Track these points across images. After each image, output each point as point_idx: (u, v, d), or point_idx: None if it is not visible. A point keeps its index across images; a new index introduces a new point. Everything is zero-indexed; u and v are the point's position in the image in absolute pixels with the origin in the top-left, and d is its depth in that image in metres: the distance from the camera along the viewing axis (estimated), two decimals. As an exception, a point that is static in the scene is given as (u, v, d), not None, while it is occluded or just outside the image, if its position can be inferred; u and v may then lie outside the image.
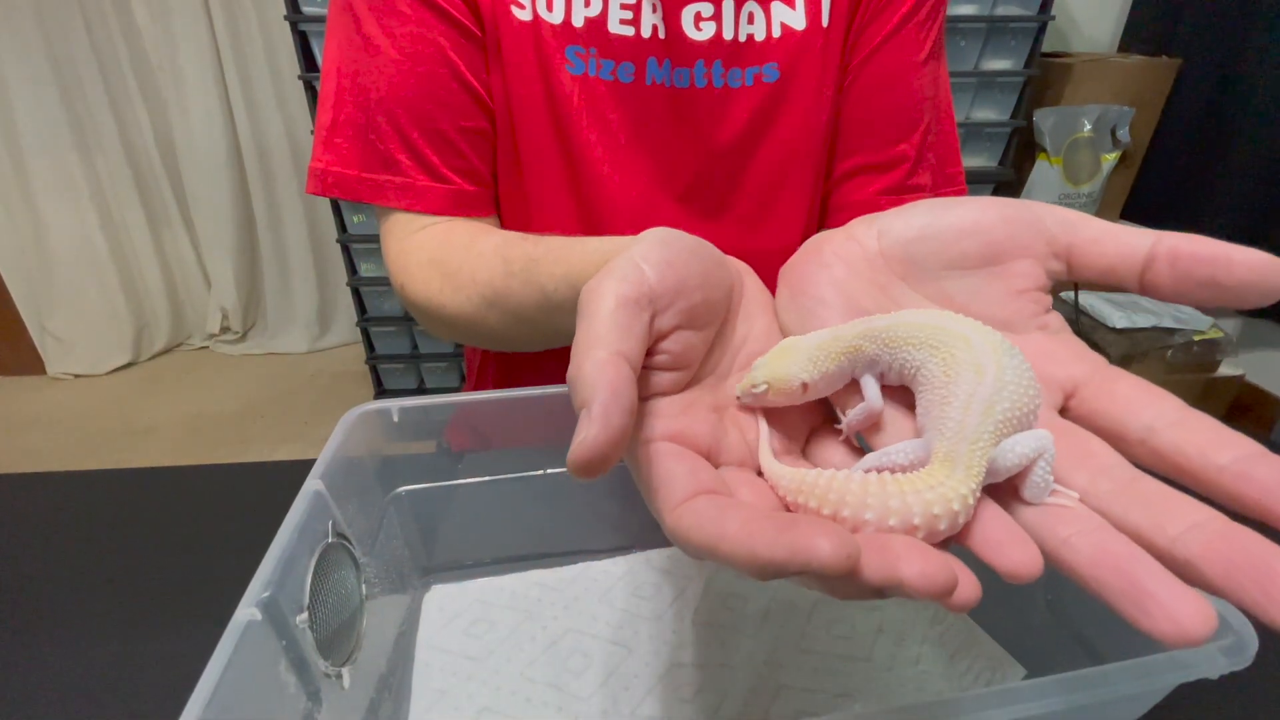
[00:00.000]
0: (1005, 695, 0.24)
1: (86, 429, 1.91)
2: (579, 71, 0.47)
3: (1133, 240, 0.21)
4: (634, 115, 0.49)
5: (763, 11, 0.48)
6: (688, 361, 0.23)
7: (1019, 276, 0.24)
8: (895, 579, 0.16)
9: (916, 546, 0.16)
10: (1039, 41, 1.57)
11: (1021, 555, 0.17)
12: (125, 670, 0.41)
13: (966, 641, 0.40)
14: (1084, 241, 0.23)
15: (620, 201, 0.51)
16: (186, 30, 1.91)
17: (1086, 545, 0.17)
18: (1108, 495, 0.18)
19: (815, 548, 0.15)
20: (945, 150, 0.55)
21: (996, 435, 0.19)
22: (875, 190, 0.54)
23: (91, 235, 2.06)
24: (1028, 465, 0.19)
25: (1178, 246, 0.20)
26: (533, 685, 0.39)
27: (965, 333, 0.21)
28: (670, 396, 0.22)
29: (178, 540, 0.51)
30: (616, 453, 0.17)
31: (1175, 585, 0.16)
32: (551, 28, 0.47)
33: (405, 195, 0.47)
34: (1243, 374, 1.71)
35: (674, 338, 0.22)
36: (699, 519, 0.17)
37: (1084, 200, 1.70)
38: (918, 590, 0.16)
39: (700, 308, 0.23)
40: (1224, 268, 0.19)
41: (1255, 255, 0.19)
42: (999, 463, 0.19)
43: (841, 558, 0.15)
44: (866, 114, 0.53)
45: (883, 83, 0.52)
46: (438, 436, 0.42)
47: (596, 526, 0.47)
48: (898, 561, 0.16)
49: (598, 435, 0.17)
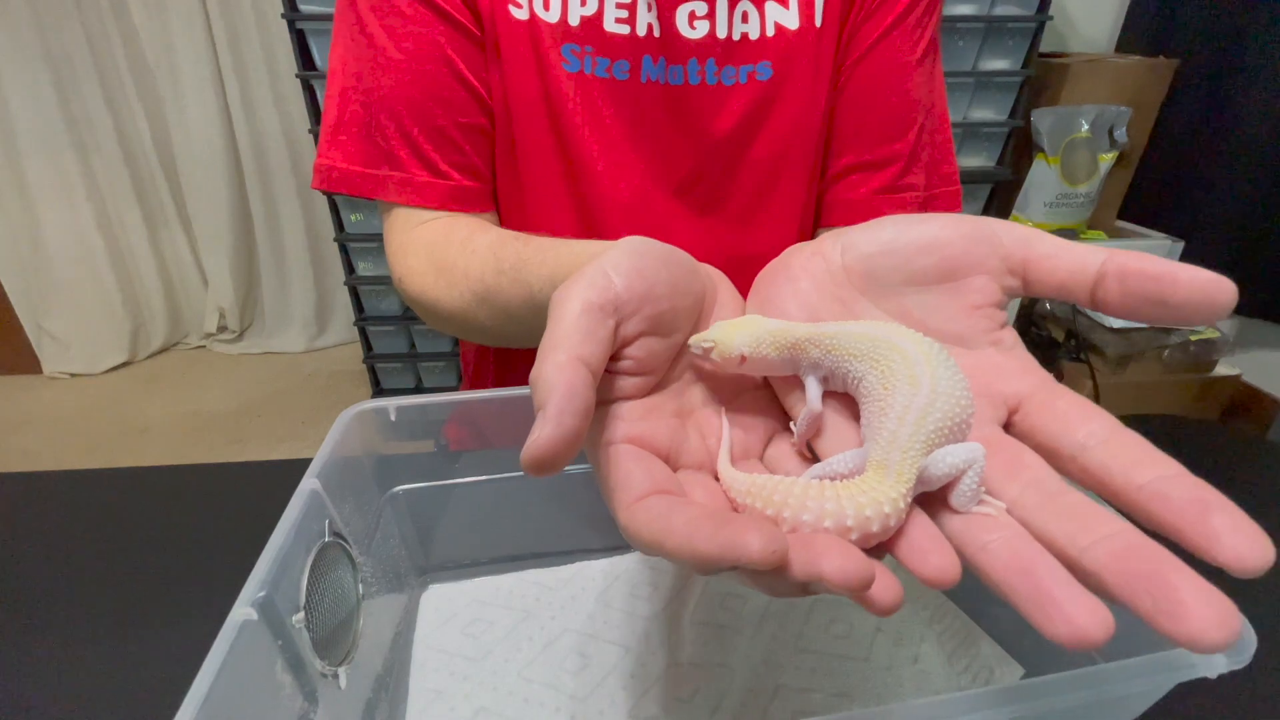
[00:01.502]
0: (1004, 695, 0.24)
1: (83, 428, 1.90)
2: (575, 69, 0.48)
3: (1084, 257, 0.22)
4: (629, 112, 0.50)
5: (757, 11, 0.49)
6: (652, 367, 0.24)
7: (975, 292, 0.24)
8: (816, 573, 0.17)
9: (838, 545, 0.17)
10: (1037, 41, 1.57)
11: (940, 561, 0.18)
12: (120, 670, 0.40)
13: (965, 641, 0.40)
14: (1038, 258, 0.23)
15: (616, 197, 0.51)
16: (183, 29, 1.91)
17: (1002, 551, 0.18)
18: (1033, 507, 0.19)
19: (747, 544, 0.16)
20: (939, 150, 0.56)
21: (928, 445, 0.20)
22: (869, 189, 0.54)
23: (88, 234, 2.06)
24: (958, 475, 0.19)
25: (1126, 264, 0.21)
26: (530, 685, 0.39)
27: (903, 345, 0.21)
28: (634, 401, 0.23)
29: (174, 539, 0.51)
30: (568, 451, 0.18)
31: (1076, 591, 0.16)
32: (548, 26, 0.47)
33: (405, 191, 0.48)
34: (1239, 374, 1.71)
35: (639, 344, 0.23)
36: (649, 516, 0.18)
37: (1081, 200, 1.70)
38: (835, 584, 0.17)
39: (666, 315, 0.23)
40: (1169, 285, 0.20)
41: (1200, 274, 0.19)
42: (930, 471, 0.20)
43: (769, 553, 0.16)
44: (860, 113, 0.53)
45: (876, 82, 0.52)
46: (435, 436, 0.42)
47: (594, 526, 0.47)
48: (820, 558, 0.17)
49: (550, 435, 0.18)
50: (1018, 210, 1.74)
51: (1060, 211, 1.71)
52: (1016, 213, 1.74)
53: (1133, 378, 1.62)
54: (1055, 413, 0.21)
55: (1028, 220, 1.73)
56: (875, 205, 0.53)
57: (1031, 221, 1.73)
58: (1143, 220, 1.83)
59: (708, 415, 0.25)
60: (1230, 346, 1.66)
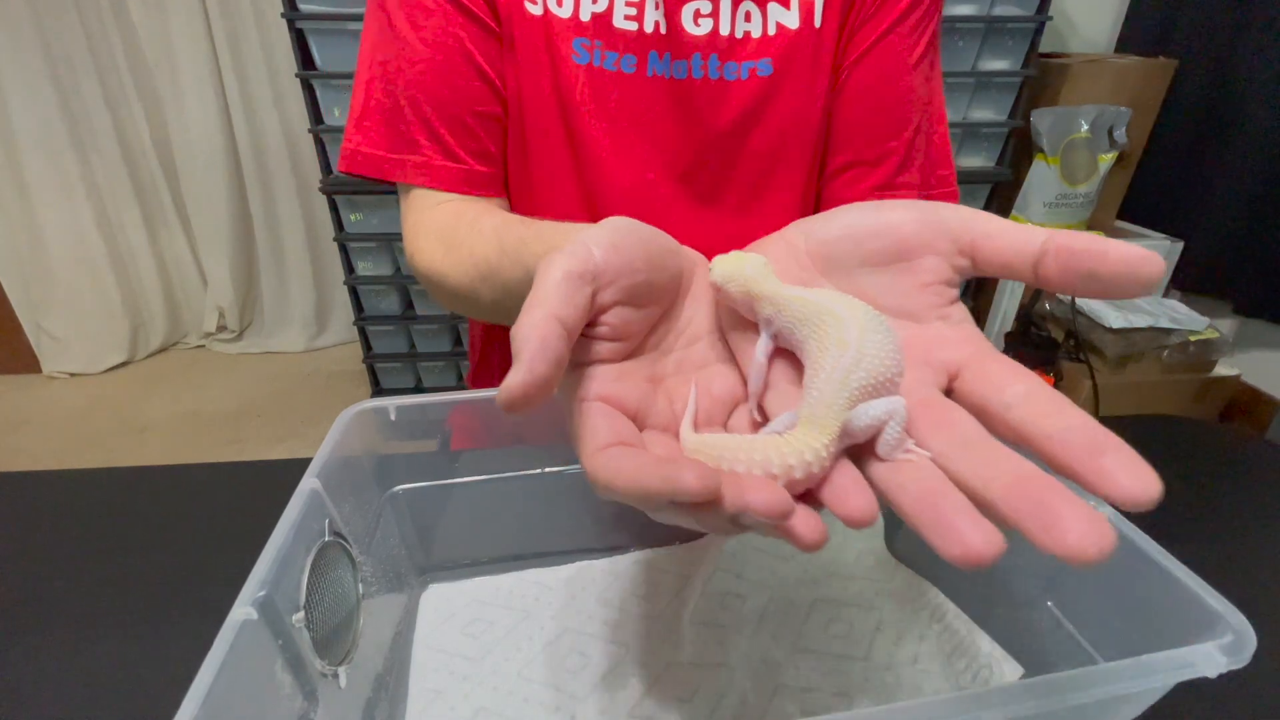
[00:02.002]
0: (1003, 694, 0.24)
1: (82, 428, 1.90)
2: (584, 61, 0.51)
3: (1028, 237, 0.23)
4: (635, 104, 0.52)
5: (759, 11, 0.51)
6: (627, 335, 0.26)
7: (925, 272, 0.26)
8: (744, 505, 0.19)
9: (765, 483, 0.20)
10: (1036, 42, 1.57)
11: (858, 501, 0.21)
12: (120, 669, 0.40)
13: (964, 641, 0.40)
14: (984, 239, 0.25)
15: (620, 184, 0.54)
16: (183, 28, 1.90)
17: (914, 488, 0.20)
18: (954, 455, 0.21)
19: (684, 479, 0.19)
20: (937, 152, 0.57)
21: (851, 401, 0.22)
22: (865, 187, 0.56)
23: (87, 234, 2.05)
24: (881, 426, 0.22)
25: (1064, 242, 0.22)
26: (530, 685, 0.39)
27: (838, 311, 0.24)
28: (609, 364, 0.25)
29: (173, 539, 0.50)
30: (539, 394, 0.20)
31: (972, 519, 0.18)
32: (560, 22, 0.50)
33: (422, 173, 0.51)
34: (1239, 374, 1.72)
35: (614, 312, 0.25)
36: (608, 461, 0.21)
37: (1081, 200, 1.70)
38: (759, 513, 0.19)
39: (642, 288, 0.25)
40: (1101, 260, 0.21)
41: (1129, 249, 0.21)
42: (854, 424, 0.22)
43: (703, 487, 0.19)
44: (857, 112, 0.55)
45: (874, 82, 0.54)
46: (435, 435, 0.42)
47: (594, 526, 0.47)
48: (746, 492, 0.20)
49: (523, 379, 0.20)
50: (1017, 210, 1.74)
51: (1060, 212, 1.71)
52: (1016, 213, 1.74)
53: (1132, 378, 1.62)
54: (988, 376, 0.23)
55: (1027, 220, 1.73)
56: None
57: (1031, 222, 1.73)
58: (1142, 221, 1.83)
59: (678, 384, 0.27)
60: (1229, 347, 1.66)
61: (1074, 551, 0.17)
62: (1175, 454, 0.62)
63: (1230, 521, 0.53)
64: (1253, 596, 0.29)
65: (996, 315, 1.78)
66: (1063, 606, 0.36)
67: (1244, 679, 0.25)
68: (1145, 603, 0.30)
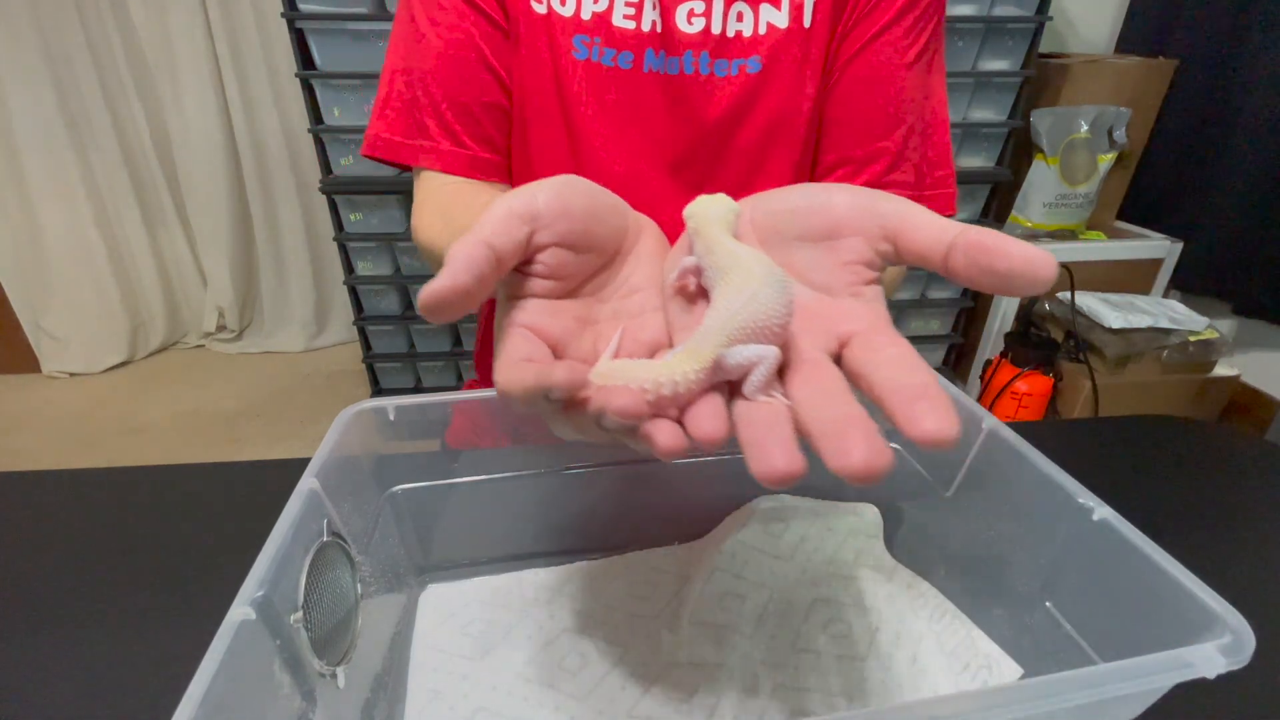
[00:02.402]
0: (1002, 695, 0.24)
1: (81, 427, 1.90)
2: (583, 57, 0.54)
3: (943, 230, 0.25)
4: (630, 98, 0.55)
5: (751, 11, 0.54)
6: (561, 275, 0.28)
7: (848, 251, 0.28)
8: (605, 405, 0.22)
9: (626, 390, 0.22)
10: (1036, 42, 1.57)
11: (709, 424, 0.23)
12: (118, 669, 0.40)
13: (964, 641, 0.40)
14: (907, 228, 0.26)
15: (613, 173, 0.56)
16: (183, 27, 1.90)
17: (756, 419, 0.23)
18: (808, 403, 0.23)
19: (553, 375, 0.22)
20: (936, 153, 0.58)
21: (730, 339, 0.24)
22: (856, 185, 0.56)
23: (87, 233, 2.05)
24: (750, 367, 0.24)
25: (972, 238, 0.24)
26: (528, 685, 0.39)
27: (749, 265, 0.26)
28: (542, 300, 0.27)
29: (172, 539, 0.50)
30: (456, 301, 0.22)
31: (784, 445, 0.21)
32: (563, 20, 0.53)
33: (431, 157, 0.55)
34: (1238, 374, 1.72)
35: (550, 252, 0.27)
36: (511, 372, 0.23)
37: (1080, 201, 1.70)
38: (615, 411, 0.22)
39: (580, 235, 0.28)
40: (1000, 257, 0.22)
41: (1029, 251, 0.22)
42: (727, 360, 0.24)
43: (568, 381, 0.22)
44: (849, 111, 0.56)
45: (865, 82, 0.55)
46: (435, 435, 0.42)
47: (594, 526, 0.47)
48: (610, 396, 0.22)
49: (442, 284, 0.22)
50: (1017, 210, 1.74)
51: (1059, 212, 1.71)
52: (1016, 213, 1.74)
53: (1131, 378, 1.62)
54: (869, 345, 0.25)
55: (1027, 221, 1.73)
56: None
57: (1031, 222, 1.73)
58: (1142, 221, 1.83)
59: (609, 328, 0.29)
60: (1229, 347, 1.67)
61: (853, 469, 0.19)
62: (1175, 454, 0.62)
63: (1230, 522, 0.53)
64: (1252, 597, 0.29)
65: (996, 315, 1.78)
66: (1062, 607, 0.36)
67: (1243, 679, 0.25)
68: (1144, 603, 0.30)
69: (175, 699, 0.22)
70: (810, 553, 0.47)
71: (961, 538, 0.42)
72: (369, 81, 1.52)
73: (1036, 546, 0.36)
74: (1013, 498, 0.38)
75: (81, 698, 0.39)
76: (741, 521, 0.47)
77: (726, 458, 0.46)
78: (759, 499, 0.48)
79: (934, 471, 0.44)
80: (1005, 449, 0.38)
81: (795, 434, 0.22)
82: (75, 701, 0.39)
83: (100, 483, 0.57)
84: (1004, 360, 1.66)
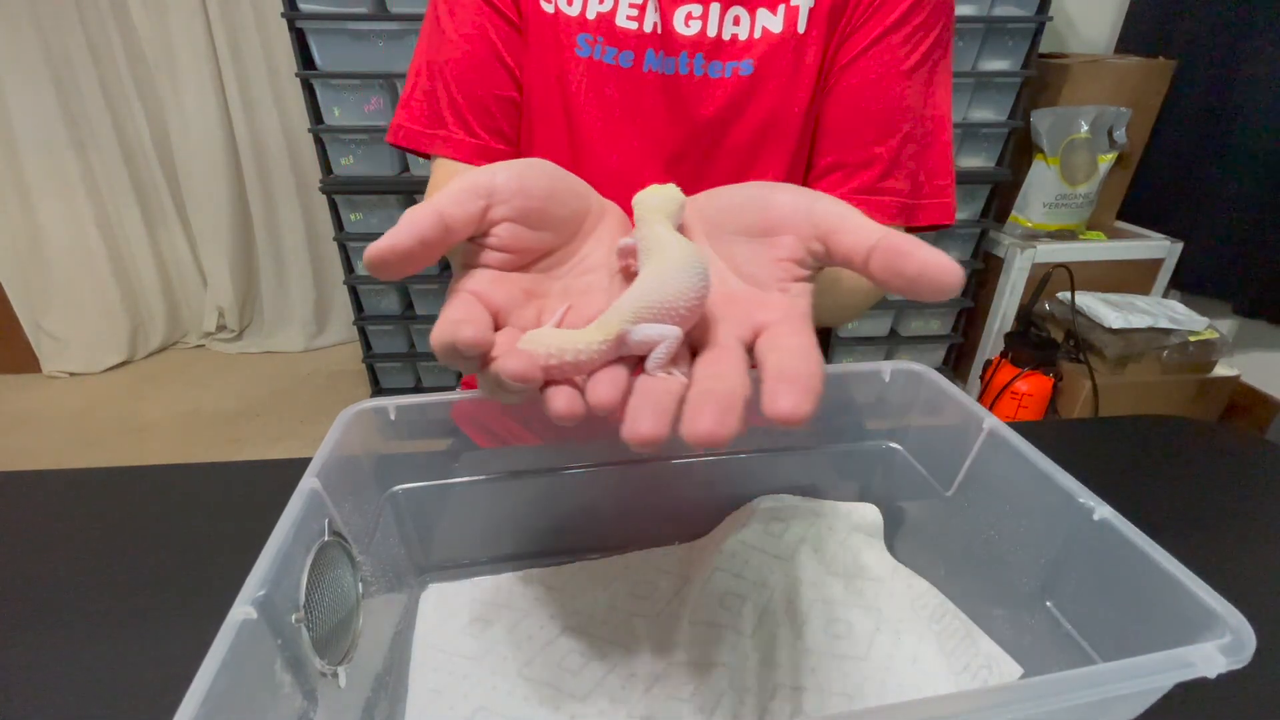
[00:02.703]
0: (1002, 694, 0.24)
1: (82, 427, 1.90)
2: (586, 55, 0.56)
3: (869, 233, 0.25)
4: (629, 95, 0.57)
5: (748, 15, 0.55)
6: (514, 249, 0.29)
7: (781, 248, 0.29)
8: (500, 367, 0.24)
9: (524, 354, 0.24)
10: (1036, 42, 1.57)
11: (604, 391, 0.24)
12: (120, 668, 0.40)
13: (964, 641, 0.40)
14: (838, 231, 0.27)
15: (609, 166, 0.59)
16: (183, 28, 1.90)
17: (646, 391, 0.24)
18: (702, 383, 0.24)
19: (460, 332, 0.24)
20: (935, 162, 0.58)
21: (637, 316, 0.26)
22: (847, 189, 0.57)
23: (87, 233, 2.05)
24: (653, 345, 0.25)
25: (891, 243, 0.24)
26: (529, 684, 0.39)
27: (672, 252, 0.27)
28: (493, 270, 0.29)
29: (173, 538, 0.50)
30: (397, 260, 0.24)
31: (658, 414, 0.23)
32: (569, 19, 0.56)
33: (445, 146, 0.59)
34: (1238, 374, 1.72)
35: (504, 227, 0.29)
36: (438, 328, 0.24)
37: (1080, 201, 1.70)
38: (507, 373, 0.23)
39: (535, 213, 0.29)
40: (911, 262, 0.23)
41: (937, 256, 0.23)
42: (632, 336, 0.25)
43: (473, 339, 0.24)
44: (843, 116, 0.57)
45: (861, 88, 0.55)
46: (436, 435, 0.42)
47: (594, 526, 0.47)
48: (507, 360, 0.24)
49: (382, 243, 0.24)
50: (1017, 211, 1.74)
51: (1059, 212, 1.71)
52: (1016, 213, 1.74)
53: (1132, 378, 1.62)
54: (775, 335, 0.26)
55: (1027, 221, 1.73)
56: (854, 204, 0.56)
57: (1031, 222, 1.73)
58: (1142, 221, 1.83)
59: (554, 302, 0.30)
60: (1229, 347, 1.67)
61: (697, 436, 0.21)
62: (1175, 454, 0.62)
63: (1230, 522, 0.53)
64: (1252, 597, 0.29)
65: (996, 315, 1.78)
66: (1062, 606, 0.36)
67: (1243, 679, 0.25)
68: (1145, 603, 0.30)
69: (177, 698, 0.22)
70: (810, 553, 0.47)
71: (962, 538, 0.42)
72: (369, 81, 1.52)
73: (1037, 546, 0.37)
74: (1013, 497, 0.38)
75: (83, 697, 0.39)
76: (741, 521, 0.47)
77: (726, 458, 0.46)
78: (759, 499, 0.48)
79: (934, 471, 0.44)
80: (1005, 449, 0.38)
81: (675, 407, 0.24)
82: (76, 701, 0.39)
83: (101, 482, 0.57)
84: (1004, 360, 1.66)
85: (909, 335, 1.91)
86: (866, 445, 0.48)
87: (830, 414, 0.47)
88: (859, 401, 0.46)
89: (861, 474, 0.49)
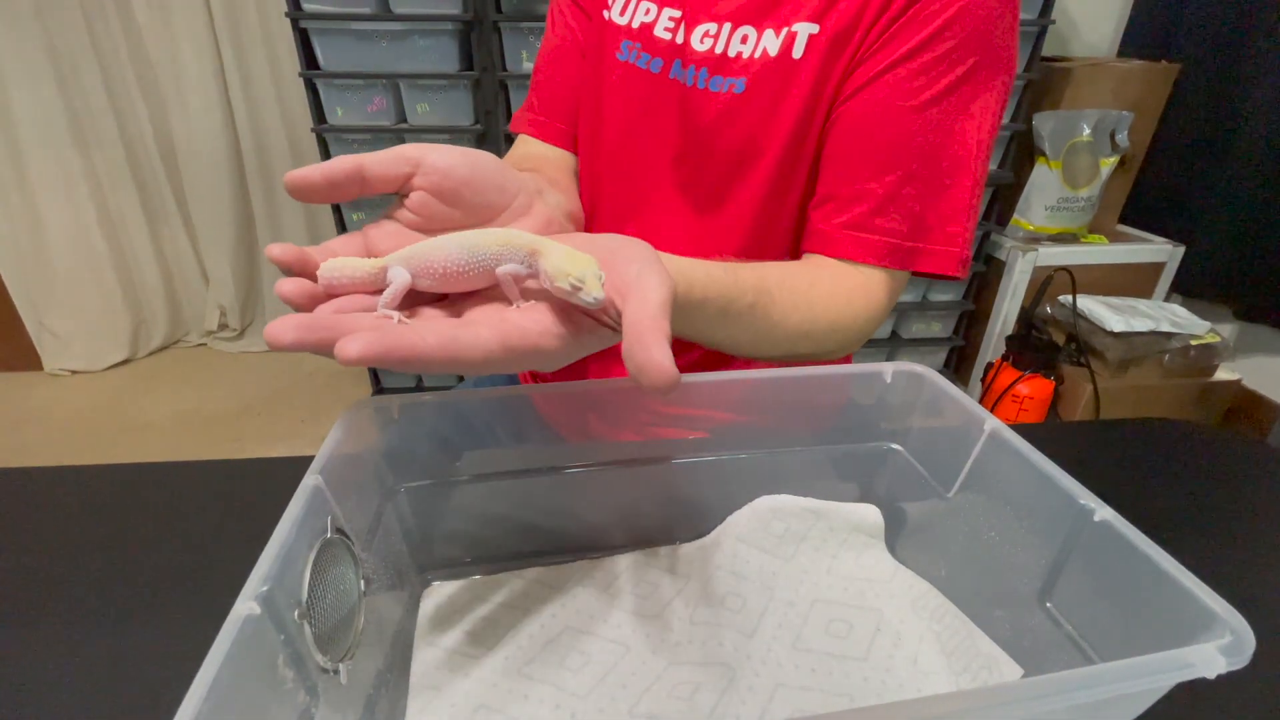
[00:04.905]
0: (1002, 694, 0.24)
1: (83, 425, 1.90)
2: (623, 58, 0.62)
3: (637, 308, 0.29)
4: (651, 98, 0.61)
5: (755, 36, 0.56)
6: (423, 215, 0.36)
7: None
8: (278, 289, 0.34)
9: (293, 281, 0.34)
10: (1039, 45, 1.57)
11: (324, 312, 0.33)
12: (123, 665, 0.41)
13: (964, 641, 0.40)
14: (627, 298, 0.30)
15: (622, 160, 0.64)
16: (186, 26, 1.91)
17: (355, 318, 0.32)
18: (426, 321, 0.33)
19: (272, 250, 0.34)
20: (951, 207, 0.53)
21: (404, 261, 0.33)
22: (837, 222, 0.54)
23: (89, 231, 2.05)
24: (394, 284, 0.32)
25: (639, 329, 0.28)
26: (530, 682, 0.39)
27: (480, 230, 0.33)
28: (397, 224, 0.36)
29: (176, 535, 0.51)
30: (303, 188, 0.32)
31: (356, 332, 0.26)
32: (615, 26, 0.62)
33: (521, 125, 0.70)
34: (1239, 378, 1.72)
35: (420, 194, 0.35)
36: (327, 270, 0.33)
37: (1082, 204, 1.70)
38: (280, 294, 0.34)
39: (449, 192, 0.36)
40: (639, 354, 0.27)
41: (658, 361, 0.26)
42: (387, 275, 0.33)
43: (280, 256, 0.34)
44: (840, 147, 0.55)
45: (861, 120, 0.53)
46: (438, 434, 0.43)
47: (594, 525, 0.47)
48: (280, 284, 0.34)
49: (296, 172, 0.32)
50: (1019, 214, 1.74)
51: (1061, 215, 1.71)
52: (1018, 216, 1.74)
53: (1133, 381, 1.62)
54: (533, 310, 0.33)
55: (1029, 224, 1.73)
56: (840, 238, 0.54)
57: (1032, 225, 1.73)
58: (1144, 224, 1.83)
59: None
60: (1230, 352, 1.66)
61: (341, 355, 0.26)
62: (1176, 457, 0.62)
63: (1230, 524, 0.53)
64: (1252, 598, 0.30)
65: (997, 318, 1.78)
66: (1062, 607, 0.36)
67: (1243, 680, 0.25)
68: (1145, 604, 0.30)
69: (180, 693, 0.23)
70: (810, 553, 0.47)
71: (962, 539, 0.43)
72: (372, 82, 1.52)
73: (1037, 547, 0.37)
74: (1014, 498, 0.38)
75: (86, 693, 0.39)
76: (742, 522, 0.47)
77: (727, 458, 0.47)
78: (760, 499, 0.48)
79: (936, 473, 0.44)
80: (1007, 450, 0.38)
81: (372, 334, 0.27)
82: (79, 696, 0.39)
83: (103, 480, 0.57)
84: (1005, 363, 1.66)
85: (910, 338, 1.91)
86: (868, 446, 0.48)
87: (831, 415, 0.47)
88: (860, 403, 0.46)
89: (862, 475, 0.49)
